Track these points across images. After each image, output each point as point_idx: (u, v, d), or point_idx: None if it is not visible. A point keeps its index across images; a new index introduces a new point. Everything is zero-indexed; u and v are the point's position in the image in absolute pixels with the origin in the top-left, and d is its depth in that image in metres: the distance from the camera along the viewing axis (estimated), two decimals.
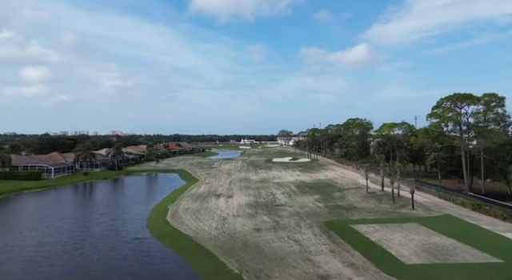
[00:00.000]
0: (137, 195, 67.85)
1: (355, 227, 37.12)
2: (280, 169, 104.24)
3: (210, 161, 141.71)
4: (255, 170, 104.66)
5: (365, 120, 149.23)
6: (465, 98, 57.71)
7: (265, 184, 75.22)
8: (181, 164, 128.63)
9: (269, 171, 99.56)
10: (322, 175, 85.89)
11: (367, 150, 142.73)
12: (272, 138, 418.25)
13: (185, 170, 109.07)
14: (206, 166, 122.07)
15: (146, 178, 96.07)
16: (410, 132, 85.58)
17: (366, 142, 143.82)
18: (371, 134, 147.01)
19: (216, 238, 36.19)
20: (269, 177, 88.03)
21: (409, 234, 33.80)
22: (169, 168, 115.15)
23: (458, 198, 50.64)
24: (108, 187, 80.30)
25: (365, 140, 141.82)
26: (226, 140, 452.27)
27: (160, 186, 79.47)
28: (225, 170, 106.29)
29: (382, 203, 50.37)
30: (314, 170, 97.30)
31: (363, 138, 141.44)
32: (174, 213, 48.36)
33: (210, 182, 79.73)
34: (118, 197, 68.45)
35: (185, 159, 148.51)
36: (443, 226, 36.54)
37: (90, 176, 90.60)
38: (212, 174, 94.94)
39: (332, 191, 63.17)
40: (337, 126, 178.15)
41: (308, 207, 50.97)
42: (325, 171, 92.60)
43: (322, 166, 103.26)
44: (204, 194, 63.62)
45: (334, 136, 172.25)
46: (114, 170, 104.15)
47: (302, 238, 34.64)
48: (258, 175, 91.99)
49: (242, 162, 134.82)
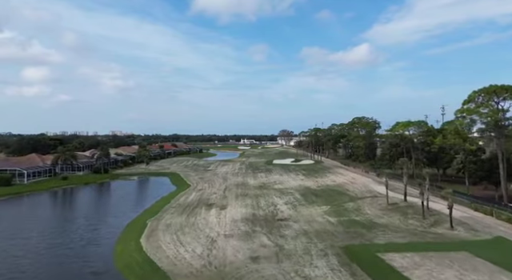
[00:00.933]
0: (116, 204, 58.59)
1: (385, 258, 27.72)
2: (281, 172, 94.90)
3: (206, 163, 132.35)
4: (254, 173, 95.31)
5: (371, 119, 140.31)
6: (502, 91, 48.43)
7: (265, 191, 65.87)
8: (174, 166, 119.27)
9: (269, 175, 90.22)
10: (329, 180, 76.50)
11: (373, 151, 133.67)
12: (272, 138, 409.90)
13: (177, 173, 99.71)
14: (201, 168, 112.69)
15: (133, 182, 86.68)
16: (428, 131, 76.29)
17: (373, 142, 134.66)
18: (378, 134, 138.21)
19: (198, 272, 26.85)
20: (269, 182, 78.66)
21: (464, 272, 24.37)
22: (160, 171, 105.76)
23: (501, 211, 41.30)
24: (86, 194, 70.90)
25: (372, 140, 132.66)
26: (226, 140, 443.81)
27: (146, 193, 70.17)
28: (221, 173, 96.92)
29: (408, 218, 40.99)
30: (320, 173, 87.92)
31: (370, 138, 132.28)
32: (151, 231, 38.96)
33: (203, 188, 70.37)
34: (94, 206, 58.99)
35: (179, 161, 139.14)
36: (502, 256, 27.20)
37: (70, 181, 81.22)
38: (206, 179, 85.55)
39: (344, 201, 53.78)
40: (340, 126, 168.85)
41: (317, 223, 41.63)
42: (331, 175, 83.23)
43: (328, 169, 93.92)
44: (193, 204, 54.27)
45: (337, 136, 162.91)
46: (99, 173, 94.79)
47: (314, 275, 25.32)
48: (257, 180, 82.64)
49: (240, 164, 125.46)
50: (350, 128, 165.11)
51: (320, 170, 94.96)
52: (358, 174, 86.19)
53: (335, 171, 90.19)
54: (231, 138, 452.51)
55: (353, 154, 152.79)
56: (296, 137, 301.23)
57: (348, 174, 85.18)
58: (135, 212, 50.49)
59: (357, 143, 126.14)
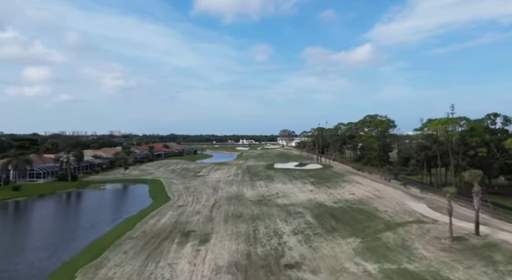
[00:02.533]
0: (55, 231, 42.53)
1: None
2: (285, 179, 78.92)
3: (198, 166, 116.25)
4: (252, 180, 79.32)
5: (385, 117, 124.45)
6: None
7: (265, 209, 49.89)
8: (160, 171, 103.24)
9: (270, 184, 74.24)
10: (347, 192, 60.53)
11: (387, 153, 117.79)
12: (272, 139, 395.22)
13: (160, 180, 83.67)
14: (191, 174, 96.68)
15: (102, 193, 70.55)
16: (472, 130, 60.36)
17: (388, 143, 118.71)
18: (393, 134, 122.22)
19: None
20: (270, 193, 62.74)
21: None
22: (141, 177, 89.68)
23: None
24: (26, 212, 54.95)
25: (386, 141, 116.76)
26: (225, 140, 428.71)
27: (108, 211, 54.01)
28: (212, 181, 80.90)
29: (503, 274, 24.96)
30: (332, 181, 71.95)
31: (384, 138, 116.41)
32: None
33: (185, 204, 54.39)
34: (20, 237, 42.43)
35: (168, 164, 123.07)
36: None
37: (22, 191, 65.27)
38: (192, 189, 69.51)
39: (377, 228, 37.82)
40: (348, 125, 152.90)
41: (349, 275, 25.78)
42: (347, 184, 67.26)
43: (341, 176, 77.96)
44: (163, 233, 38.30)
45: (345, 136, 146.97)
46: (65, 180, 78.85)
47: None
48: (254, 190, 66.69)
49: (236, 168, 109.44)
50: (357, 128, 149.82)
51: (331, 177, 78.96)
52: (379, 182, 70.27)
53: (350, 179, 74.19)
54: (230, 139, 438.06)
55: (363, 156, 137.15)
56: (297, 137, 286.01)
57: (367, 182, 69.20)
58: (72, 249, 34.20)
59: (371, 145, 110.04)
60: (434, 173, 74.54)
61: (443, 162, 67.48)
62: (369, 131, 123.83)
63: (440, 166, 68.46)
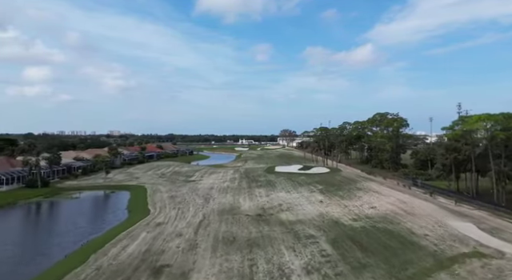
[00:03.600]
0: None
1: None
2: (288, 186, 68.15)
3: (191, 169, 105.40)
4: (250, 188, 68.49)
5: (396, 115, 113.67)
6: None
7: (265, 229, 39.06)
8: (148, 175, 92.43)
9: (271, 191, 63.46)
10: (366, 204, 49.73)
11: (399, 155, 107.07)
12: (272, 139, 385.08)
13: (145, 186, 72.86)
14: (182, 178, 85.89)
15: (73, 203, 59.71)
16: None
17: (401, 144, 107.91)
18: (406, 134, 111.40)
19: None
20: (272, 205, 51.95)
21: None
22: (123, 183, 78.78)
23: None
24: None
25: (399, 142, 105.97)
26: (224, 140, 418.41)
27: (70, 229, 42.93)
28: (204, 188, 70.07)
29: None
30: (344, 189, 61.20)
31: (397, 138, 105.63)
32: None
33: (165, 221, 43.53)
34: None
35: (159, 167, 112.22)
36: None
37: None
38: (179, 199, 58.71)
39: (423, 265, 26.99)
40: (355, 124, 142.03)
41: None
42: (363, 194, 56.50)
43: (353, 183, 67.22)
44: (125, 271, 27.48)
45: (353, 136, 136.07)
46: (34, 187, 68.11)
47: None
48: (253, 201, 55.89)
49: (233, 171, 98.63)
50: (365, 127, 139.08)
51: (342, 183, 68.18)
52: (400, 190, 59.57)
53: (365, 186, 63.44)
54: (229, 139, 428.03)
55: (371, 157, 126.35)
56: (298, 137, 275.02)
57: (385, 191, 58.49)
58: None
59: (383, 146, 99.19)
60: (463, 179, 63.77)
61: (476, 167, 56.74)
62: (379, 131, 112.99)
63: (473, 171, 57.69)
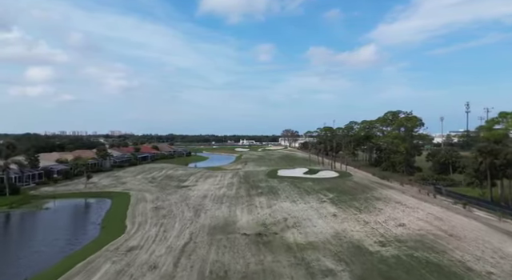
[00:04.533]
0: None
1: None
2: (293, 194, 59.11)
3: (186, 173, 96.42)
4: (249, 196, 59.42)
5: (410, 113, 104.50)
6: None
7: (267, 258, 29.87)
8: (137, 179, 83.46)
9: (274, 200, 54.37)
10: (390, 219, 40.62)
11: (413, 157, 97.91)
12: (273, 139, 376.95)
13: (130, 194, 63.91)
14: (174, 183, 76.91)
15: (40, 215, 50.60)
16: None
17: (416, 145, 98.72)
18: (421, 134, 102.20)
19: None
20: (275, 220, 42.89)
21: None
22: (106, 190, 69.70)
23: None
24: None
25: (414, 143, 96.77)
26: (224, 141, 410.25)
27: (18, 256, 33.93)
28: (197, 196, 61.04)
29: None
30: (360, 199, 52.10)
31: (411, 139, 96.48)
32: None
33: (140, 245, 34.43)
34: None
35: (151, 169, 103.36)
36: None
37: None
38: (165, 211, 49.63)
39: None
40: (363, 124, 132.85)
41: None
42: (384, 205, 47.39)
43: (369, 190, 58.14)
44: None
45: (361, 137, 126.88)
46: (2, 194, 59.33)
47: None
48: (252, 213, 46.81)
49: (231, 175, 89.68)
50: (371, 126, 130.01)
51: (356, 191, 59.10)
52: (426, 201, 50.44)
53: (383, 194, 54.35)
54: (230, 139, 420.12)
55: (380, 160, 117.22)
56: (300, 137, 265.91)
57: (410, 201, 49.38)
58: None
59: (398, 147, 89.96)
60: (499, 185, 54.56)
61: None
62: (391, 130, 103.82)
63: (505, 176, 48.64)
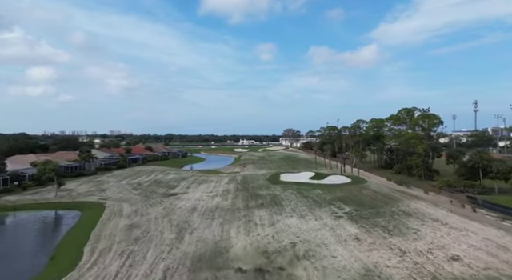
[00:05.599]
0: None
1: None
2: (301, 206, 48.80)
3: (178, 177, 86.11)
4: (248, 208, 49.03)
5: (427, 110, 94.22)
6: None
7: None
8: (120, 185, 73.12)
9: (278, 215, 44.01)
10: (436, 248, 30.35)
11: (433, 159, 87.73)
12: (274, 139, 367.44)
13: (106, 205, 53.63)
14: (161, 190, 66.66)
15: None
16: None
17: (436, 147, 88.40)
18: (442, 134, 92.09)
19: None
20: (280, 245, 32.55)
21: None
22: (80, 199, 59.23)
23: None
24: None
25: (433, 143, 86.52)
26: (224, 140, 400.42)
27: None
28: (184, 208, 50.69)
29: None
30: (386, 214, 41.81)
31: (430, 139, 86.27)
32: None
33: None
34: None
35: (139, 173, 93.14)
36: None
37: None
38: (139, 231, 39.23)
39: None
40: (372, 122, 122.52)
41: None
42: (420, 224, 37.16)
43: (393, 201, 47.88)
44: None
45: (369, 137, 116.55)
46: None
47: None
48: (251, 234, 36.44)
49: (228, 180, 79.42)
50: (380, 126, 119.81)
51: (376, 201, 48.78)
52: (469, 217, 40.22)
53: (413, 208, 44.04)
54: (230, 139, 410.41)
55: (391, 161, 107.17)
56: (301, 137, 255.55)
57: (451, 218, 39.14)
58: None
59: (415, 148, 79.67)
60: None
61: None
62: (406, 129, 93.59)
63: None
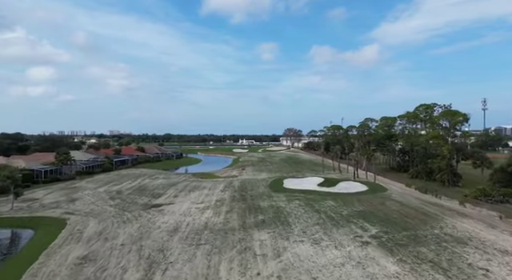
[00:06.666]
0: None
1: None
2: (313, 226, 38.21)
3: (166, 183, 75.53)
4: (244, 229, 38.29)
5: (449, 106, 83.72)
6: None
7: None
8: (96, 194, 62.49)
9: (283, 240, 33.31)
10: None
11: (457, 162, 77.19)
12: (274, 139, 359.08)
13: (67, 222, 43.02)
14: (143, 200, 56.03)
15: None
16: None
17: (461, 148, 77.80)
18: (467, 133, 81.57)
19: None
20: None
21: None
22: (41, 212, 48.39)
23: None
24: None
25: (459, 144, 75.99)
26: (223, 140, 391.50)
27: None
28: (165, 226, 39.96)
29: None
30: (428, 241, 31.27)
31: (454, 140, 75.73)
32: None
33: None
34: None
35: (124, 177, 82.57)
36: None
37: None
38: (92, 271, 28.50)
39: None
40: (382, 121, 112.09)
41: None
42: (488, 261, 26.78)
43: (432, 220, 37.39)
44: None
45: (380, 136, 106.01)
46: None
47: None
48: (247, 275, 25.79)
49: (224, 186, 68.89)
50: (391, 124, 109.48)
51: (410, 220, 38.18)
52: None
53: (461, 230, 33.52)
54: (229, 139, 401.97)
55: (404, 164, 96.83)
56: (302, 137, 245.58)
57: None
58: None
59: (439, 150, 69.16)
60: None
61: None
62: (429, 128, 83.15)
63: None
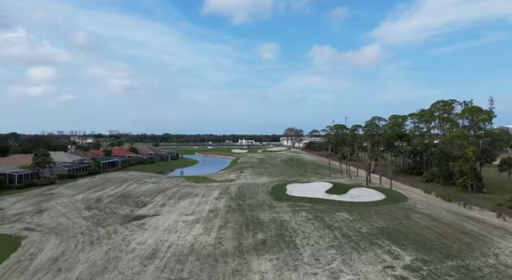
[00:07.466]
0: None
1: None
2: (327, 250, 30.21)
3: (155, 188, 67.45)
4: (240, 253, 30.26)
5: (470, 103, 75.71)
6: None
7: None
8: (71, 202, 54.39)
9: (291, 272, 25.27)
10: None
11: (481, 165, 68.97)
12: (274, 139, 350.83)
13: (22, 242, 34.96)
14: (124, 211, 47.91)
15: None
16: None
17: (487, 149, 69.68)
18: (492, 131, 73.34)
19: None
20: None
21: None
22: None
23: None
24: None
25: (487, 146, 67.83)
26: (223, 140, 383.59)
27: None
28: (141, 248, 31.86)
29: None
30: None
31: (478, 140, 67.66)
32: None
33: None
34: None
35: (108, 182, 74.50)
36: None
37: None
38: None
39: None
40: (392, 119, 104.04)
41: None
42: None
43: (478, 242, 29.50)
44: None
45: (391, 136, 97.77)
46: None
47: None
48: None
49: (219, 193, 60.86)
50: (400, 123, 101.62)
51: (451, 243, 30.16)
52: None
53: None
54: (228, 139, 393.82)
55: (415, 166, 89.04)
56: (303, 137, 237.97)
57: None
58: None
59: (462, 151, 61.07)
60: None
61: None
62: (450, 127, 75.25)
63: None
